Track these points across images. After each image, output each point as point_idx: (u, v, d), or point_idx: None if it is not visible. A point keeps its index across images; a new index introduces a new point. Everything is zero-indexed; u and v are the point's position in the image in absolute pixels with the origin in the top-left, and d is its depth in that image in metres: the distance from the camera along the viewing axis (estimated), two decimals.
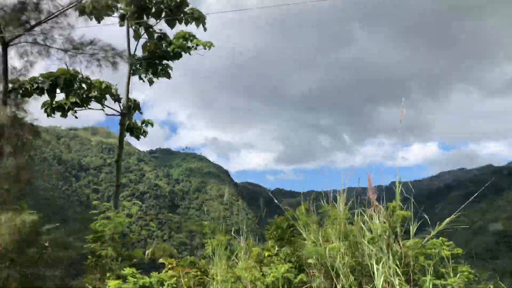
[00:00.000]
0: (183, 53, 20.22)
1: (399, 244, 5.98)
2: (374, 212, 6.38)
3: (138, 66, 20.41)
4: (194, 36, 20.20)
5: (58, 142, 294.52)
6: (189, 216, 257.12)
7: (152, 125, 22.50)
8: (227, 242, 7.88)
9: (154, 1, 19.36)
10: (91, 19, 17.02)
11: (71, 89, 18.41)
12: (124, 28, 20.13)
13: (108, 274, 8.44)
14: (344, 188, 8.75)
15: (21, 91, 18.32)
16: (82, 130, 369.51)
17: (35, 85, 18.46)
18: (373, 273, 5.56)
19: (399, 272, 5.51)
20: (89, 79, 18.93)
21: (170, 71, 21.25)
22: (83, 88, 19.12)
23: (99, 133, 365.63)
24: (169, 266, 7.47)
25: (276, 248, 7.80)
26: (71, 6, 15.12)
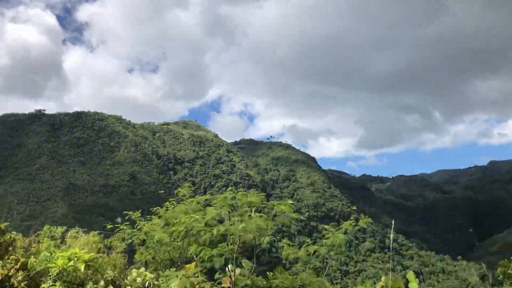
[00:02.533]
0: None
1: None
2: None
3: None
4: None
5: (154, 137, 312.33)
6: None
7: None
8: None
9: None
10: None
11: None
12: None
13: None
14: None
15: None
16: (173, 124, 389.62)
17: None
18: None
19: None
20: None
21: None
22: None
23: (189, 126, 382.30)
24: None
25: None
26: None
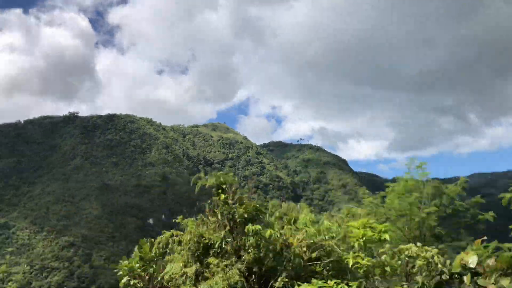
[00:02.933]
0: None
1: None
2: None
3: None
4: None
5: (184, 139, 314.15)
6: (314, 207, 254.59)
7: None
8: None
9: None
10: None
11: None
12: None
13: None
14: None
15: None
16: (202, 126, 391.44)
17: None
18: None
19: None
20: None
21: None
22: None
23: (218, 128, 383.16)
24: None
25: None
26: None
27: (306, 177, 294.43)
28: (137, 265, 11.94)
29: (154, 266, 11.87)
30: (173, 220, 11.88)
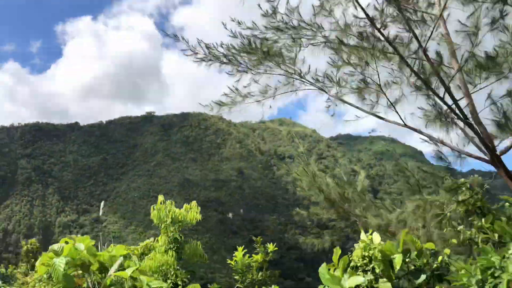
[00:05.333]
0: None
1: None
2: None
3: None
4: None
5: (254, 134, 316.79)
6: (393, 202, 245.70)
7: None
8: None
9: None
10: None
11: None
12: None
13: None
14: None
15: None
16: (269, 122, 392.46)
17: None
18: None
19: None
20: None
21: None
22: None
23: (285, 123, 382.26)
24: None
25: None
26: None
27: (382, 170, 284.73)
28: None
29: None
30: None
